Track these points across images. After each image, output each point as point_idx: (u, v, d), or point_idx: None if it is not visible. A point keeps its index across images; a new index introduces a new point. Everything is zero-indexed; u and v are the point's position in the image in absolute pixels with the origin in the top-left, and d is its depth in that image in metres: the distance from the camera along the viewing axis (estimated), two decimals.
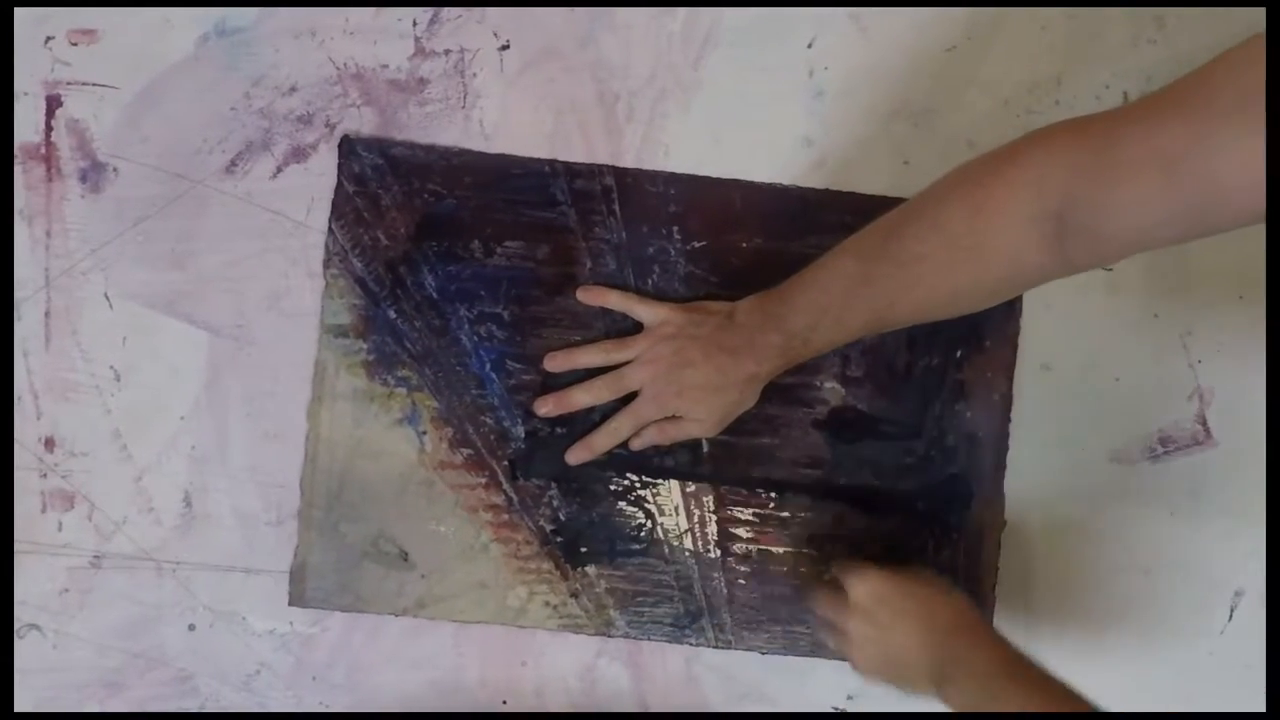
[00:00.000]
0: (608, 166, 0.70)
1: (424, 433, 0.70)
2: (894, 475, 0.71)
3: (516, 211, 0.70)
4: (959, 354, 0.70)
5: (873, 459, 0.71)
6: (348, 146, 0.70)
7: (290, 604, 0.70)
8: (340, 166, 0.70)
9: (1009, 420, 0.70)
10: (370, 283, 0.70)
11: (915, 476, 0.71)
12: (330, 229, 0.70)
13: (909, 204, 0.58)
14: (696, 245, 0.70)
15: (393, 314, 0.70)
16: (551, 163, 0.70)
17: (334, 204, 0.70)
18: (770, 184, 0.70)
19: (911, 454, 0.71)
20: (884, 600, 0.62)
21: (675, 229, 0.70)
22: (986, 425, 0.71)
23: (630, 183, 0.70)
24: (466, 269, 0.70)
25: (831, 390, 0.71)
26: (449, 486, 0.70)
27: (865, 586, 0.63)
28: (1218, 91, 0.44)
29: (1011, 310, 0.70)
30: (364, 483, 0.70)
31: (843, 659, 0.65)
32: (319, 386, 0.70)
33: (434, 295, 0.70)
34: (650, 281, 0.70)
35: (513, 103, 0.70)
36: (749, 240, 0.70)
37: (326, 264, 0.70)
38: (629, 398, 0.68)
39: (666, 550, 0.71)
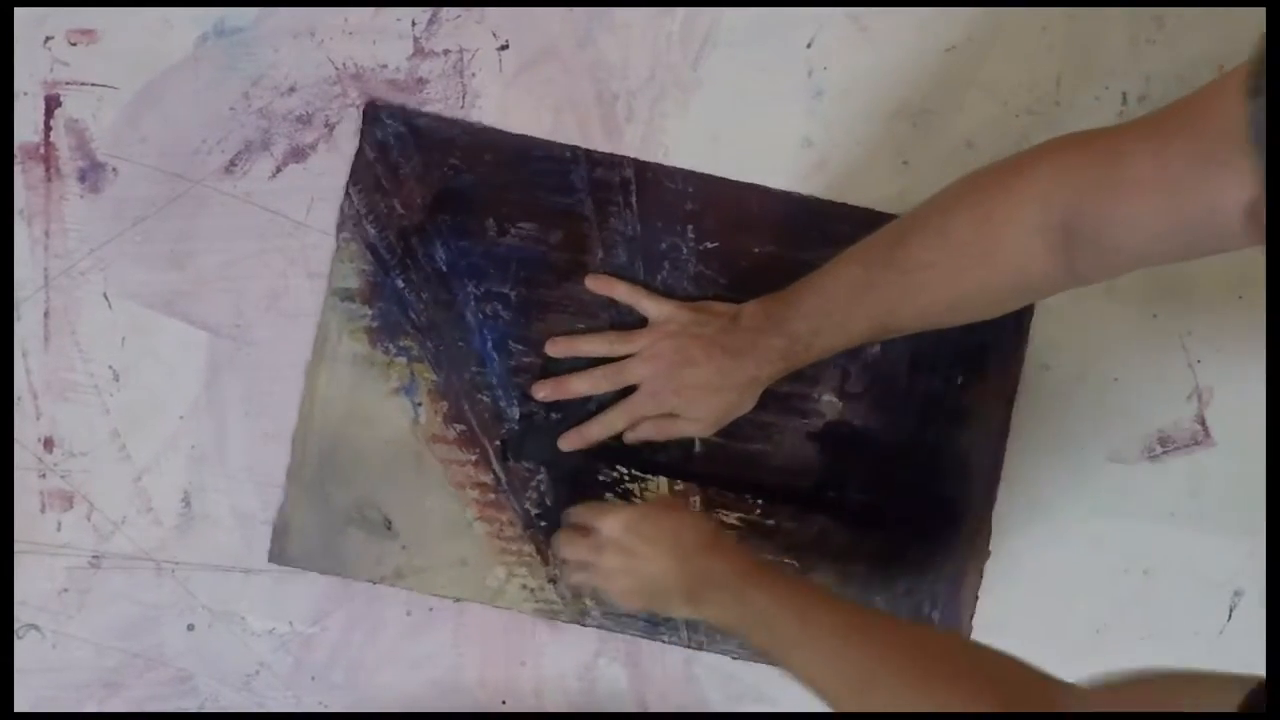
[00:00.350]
0: (629, 159, 0.70)
1: (419, 404, 0.70)
2: (882, 494, 0.70)
3: (534, 194, 0.70)
4: (960, 379, 0.70)
5: (863, 476, 0.70)
6: (373, 112, 0.69)
7: (270, 560, 0.70)
8: (363, 132, 0.69)
9: (1004, 450, 0.70)
10: (381, 250, 0.70)
11: (904, 497, 0.70)
12: (347, 192, 0.69)
13: (914, 212, 0.58)
14: (709, 246, 0.70)
15: (400, 283, 0.70)
16: (574, 149, 0.70)
17: (353, 168, 0.69)
18: (787, 192, 0.70)
19: (902, 475, 0.70)
20: (634, 530, 0.63)
21: (690, 228, 0.70)
22: (981, 454, 0.70)
23: (650, 177, 0.70)
24: (478, 246, 0.70)
25: (829, 404, 0.70)
26: (439, 460, 0.70)
27: (614, 519, 0.63)
28: (1224, 111, 0.44)
29: (1018, 339, 0.70)
30: (355, 448, 0.70)
31: (599, 597, 0.68)
32: (320, 348, 0.70)
33: (443, 269, 0.70)
34: (660, 277, 0.70)
35: (511, 102, 0.70)
36: (761, 246, 0.70)
37: (340, 227, 0.70)
38: (627, 390, 0.68)
39: None
